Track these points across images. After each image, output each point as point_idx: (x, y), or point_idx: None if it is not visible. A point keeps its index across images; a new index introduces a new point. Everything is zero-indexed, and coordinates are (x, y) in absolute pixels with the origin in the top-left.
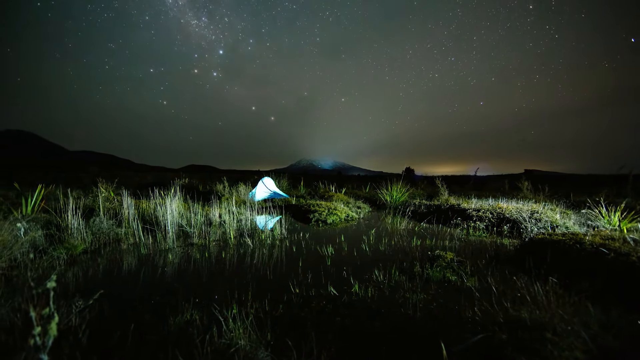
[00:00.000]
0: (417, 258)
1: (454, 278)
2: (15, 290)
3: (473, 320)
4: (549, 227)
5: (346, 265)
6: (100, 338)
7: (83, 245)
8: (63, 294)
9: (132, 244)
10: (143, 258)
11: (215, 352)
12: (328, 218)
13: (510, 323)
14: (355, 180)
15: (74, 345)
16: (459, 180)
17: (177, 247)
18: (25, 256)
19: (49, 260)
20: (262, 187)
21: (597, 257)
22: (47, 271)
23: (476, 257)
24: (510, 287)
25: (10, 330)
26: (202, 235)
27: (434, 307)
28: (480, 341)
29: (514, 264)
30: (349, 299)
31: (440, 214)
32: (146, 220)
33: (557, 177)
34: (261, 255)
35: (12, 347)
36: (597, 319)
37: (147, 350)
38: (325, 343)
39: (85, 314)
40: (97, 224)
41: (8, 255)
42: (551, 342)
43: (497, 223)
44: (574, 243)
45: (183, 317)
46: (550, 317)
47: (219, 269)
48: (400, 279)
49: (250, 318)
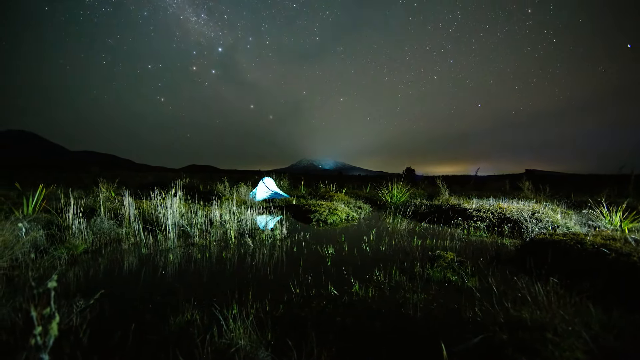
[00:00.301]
0: (418, 258)
1: (454, 278)
2: (16, 290)
3: (474, 320)
4: (550, 227)
5: (347, 265)
6: (101, 338)
7: (84, 245)
8: (64, 294)
9: (133, 243)
10: (144, 258)
11: (215, 352)
12: (329, 218)
13: (511, 323)
14: (355, 180)
15: (74, 345)
16: (459, 180)
17: (178, 247)
18: (27, 256)
19: (50, 260)
20: (263, 187)
21: (599, 258)
22: (49, 271)
23: (477, 257)
24: (511, 288)
25: (11, 330)
26: (202, 235)
27: (435, 307)
28: (481, 341)
29: (515, 264)
30: (349, 299)
31: (441, 214)
32: (147, 220)
33: (558, 177)
34: (262, 255)
35: (13, 347)
36: (599, 320)
37: (148, 350)
38: (326, 343)
39: (86, 314)
40: (98, 224)
41: (9, 255)
42: (552, 342)
43: (498, 223)
44: (575, 243)
45: (184, 317)
46: (551, 317)
47: (220, 269)
48: (401, 279)
49: (250, 318)
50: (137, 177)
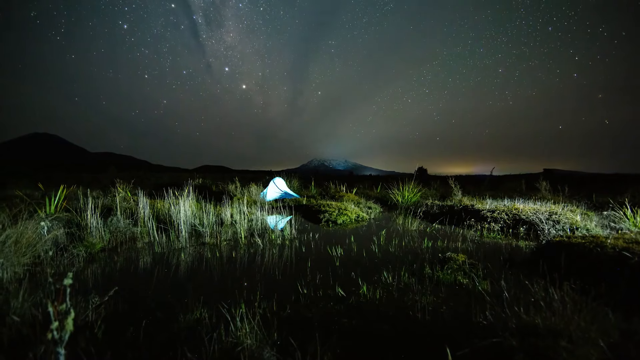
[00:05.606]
0: (428, 260)
1: (465, 281)
2: (37, 286)
3: (483, 325)
4: (568, 229)
5: (355, 267)
6: (115, 334)
7: (101, 244)
8: (82, 291)
9: (147, 242)
10: (157, 256)
11: (222, 350)
12: (338, 218)
13: (523, 329)
14: (366, 180)
15: (89, 340)
16: (473, 180)
17: (190, 247)
18: (47, 253)
19: (69, 257)
20: (274, 187)
21: (620, 261)
22: (67, 268)
23: (489, 260)
24: (524, 292)
25: (32, 324)
26: (213, 235)
27: (444, 310)
28: (490, 346)
29: (529, 268)
30: (356, 300)
31: (453, 215)
32: (160, 220)
33: (578, 177)
34: (271, 255)
35: (32, 341)
36: (618, 327)
37: (158, 346)
38: (331, 344)
39: (101, 310)
40: (115, 223)
41: (32, 252)
42: (566, 350)
43: (513, 225)
44: (595, 246)
45: (193, 315)
46: (566, 323)
47: (229, 269)
48: (410, 281)
49: (257, 318)
50: (152, 177)
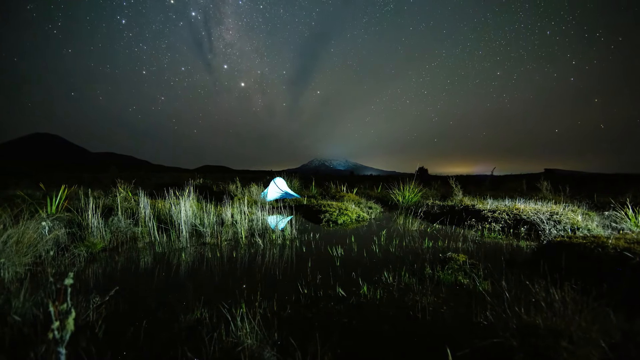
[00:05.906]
0: (428, 260)
1: (466, 281)
2: (38, 285)
3: (484, 325)
4: (569, 229)
5: (355, 267)
6: (115, 333)
7: (102, 244)
8: (83, 290)
9: (147, 242)
10: (158, 256)
11: (222, 350)
12: (339, 218)
13: (523, 329)
14: (367, 180)
15: (90, 340)
16: (474, 180)
17: (190, 246)
18: (48, 253)
19: (70, 257)
20: (274, 187)
21: (621, 262)
22: (68, 268)
23: (490, 260)
24: (525, 292)
25: (33, 324)
26: (214, 235)
27: (444, 310)
28: (490, 346)
29: (530, 268)
30: (357, 300)
31: (453, 215)
32: (161, 220)
33: (580, 177)
34: (271, 255)
35: (33, 340)
36: (619, 327)
37: (159, 346)
38: (332, 344)
39: (101, 310)
40: (115, 223)
41: (33, 252)
42: (567, 350)
43: (514, 225)
44: (596, 246)
45: (193, 315)
46: (567, 324)
47: (230, 268)
48: (410, 281)
49: (257, 318)
50: (153, 177)
